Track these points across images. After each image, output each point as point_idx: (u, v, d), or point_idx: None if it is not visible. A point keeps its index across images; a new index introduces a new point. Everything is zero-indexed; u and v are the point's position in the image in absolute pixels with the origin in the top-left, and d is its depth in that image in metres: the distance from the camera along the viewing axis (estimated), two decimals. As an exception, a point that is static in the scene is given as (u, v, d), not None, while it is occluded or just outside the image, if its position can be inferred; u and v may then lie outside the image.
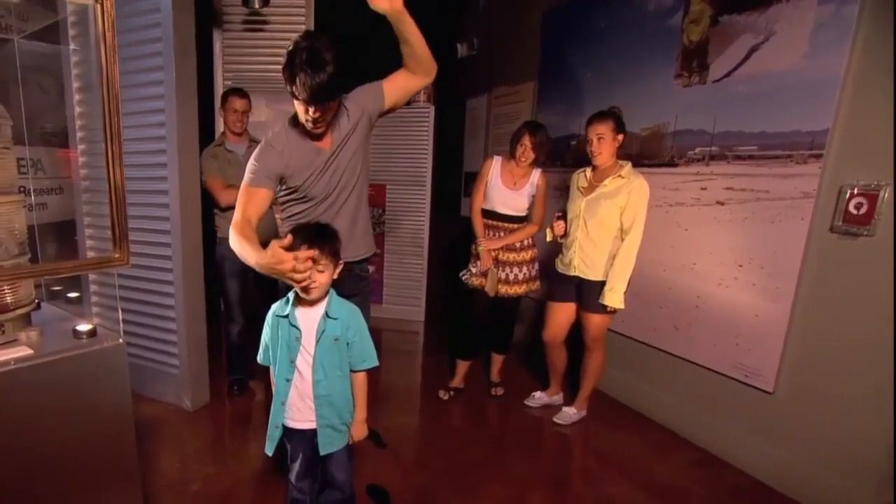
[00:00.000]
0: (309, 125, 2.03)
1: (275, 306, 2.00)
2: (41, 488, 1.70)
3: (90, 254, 3.35)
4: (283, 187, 2.20)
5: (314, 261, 1.78)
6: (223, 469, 2.81)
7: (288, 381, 1.97)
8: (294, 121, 2.13)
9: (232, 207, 3.30)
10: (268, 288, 2.46)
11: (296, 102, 1.98)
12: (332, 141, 2.16)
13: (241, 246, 1.90)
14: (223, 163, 3.35)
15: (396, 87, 2.22)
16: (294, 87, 1.88)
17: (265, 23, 4.24)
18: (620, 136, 3.03)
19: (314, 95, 1.88)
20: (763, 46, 2.77)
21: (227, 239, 3.39)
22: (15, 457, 1.63)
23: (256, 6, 4.03)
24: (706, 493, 2.82)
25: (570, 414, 3.48)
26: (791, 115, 2.66)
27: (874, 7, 2.35)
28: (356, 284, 2.32)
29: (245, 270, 3.46)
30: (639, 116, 3.46)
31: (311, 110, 1.95)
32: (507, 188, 3.43)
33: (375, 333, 2.10)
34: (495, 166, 3.48)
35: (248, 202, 2.06)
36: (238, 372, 3.70)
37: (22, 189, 2.86)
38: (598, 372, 3.41)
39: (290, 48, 1.87)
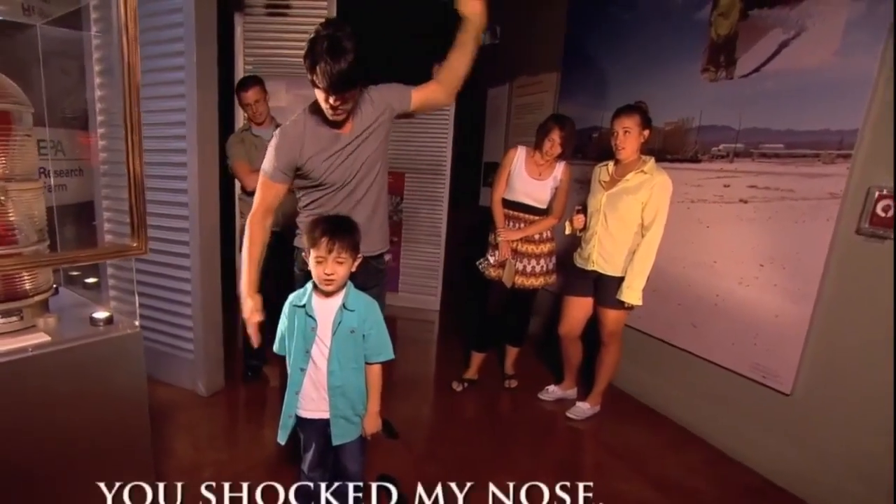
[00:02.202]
0: (329, 112, 2.03)
1: (292, 296, 2.00)
2: (56, 472, 1.73)
3: (108, 237, 3.37)
4: (300, 174, 2.19)
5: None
6: (236, 455, 2.83)
7: (302, 370, 1.97)
8: (314, 107, 2.12)
9: None
10: (287, 276, 2.47)
11: (316, 90, 1.98)
12: (353, 128, 2.15)
13: (247, 255, 2.17)
14: (249, 147, 3.35)
15: (424, 98, 2.25)
16: (314, 76, 1.89)
17: (287, 7, 4.22)
18: (646, 132, 2.98)
19: (334, 84, 1.88)
20: (793, 42, 2.70)
21: None
22: (31, 440, 1.66)
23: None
24: (718, 492, 2.81)
25: (583, 409, 3.46)
26: (820, 114, 2.60)
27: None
28: (372, 277, 2.31)
29: (267, 258, 3.48)
30: (662, 110, 3.41)
31: (331, 98, 1.95)
32: (531, 178, 3.40)
33: (390, 321, 2.11)
34: (519, 156, 3.44)
35: (266, 192, 2.18)
36: (253, 358, 3.72)
37: (42, 170, 2.88)
38: (614, 367, 3.39)
39: (312, 36, 1.89)
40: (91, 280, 2.30)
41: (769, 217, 2.86)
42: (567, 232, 3.34)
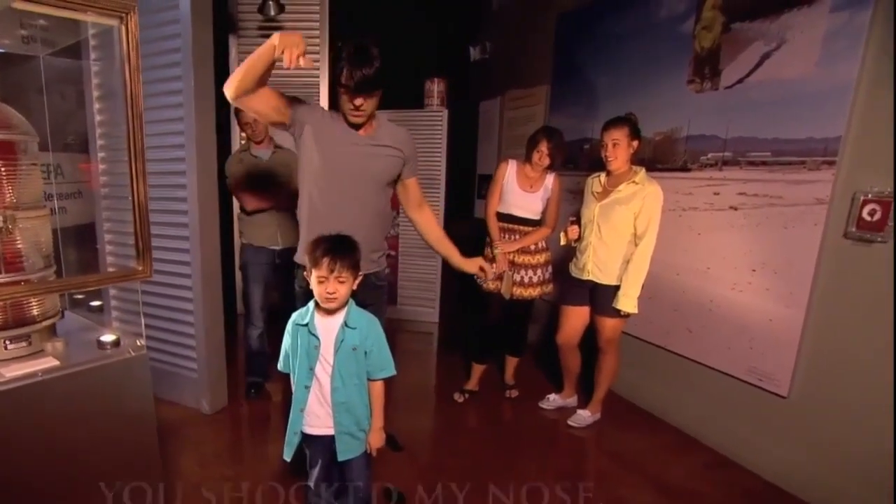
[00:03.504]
0: (351, 112, 2.15)
1: (295, 315, 2.03)
2: (68, 492, 1.75)
3: (110, 259, 3.40)
4: (300, 137, 2.24)
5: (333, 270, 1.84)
6: (241, 472, 2.85)
7: (307, 388, 2.00)
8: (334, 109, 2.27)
9: (257, 211, 3.29)
10: (290, 293, 2.51)
11: (341, 92, 2.12)
12: (368, 135, 2.26)
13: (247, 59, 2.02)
14: (249, 167, 3.40)
15: (412, 191, 2.55)
16: (342, 76, 2.05)
17: (280, 29, 4.28)
18: (635, 143, 3.05)
19: (359, 85, 2.04)
20: (775, 53, 2.78)
21: (250, 245, 3.45)
22: (43, 463, 1.68)
23: (272, 13, 4.09)
24: (719, 495, 2.84)
25: (584, 417, 3.50)
26: (804, 122, 2.67)
27: (886, 13, 2.35)
28: (371, 294, 2.34)
29: (268, 275, 3.51)
30: (652, 121, 3.47)
31: (355, 99, 2.09)
32: (523, 191, 3.46)
33: (390, 334, 2.14)
34: (511, 170, 3.50)
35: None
36: (255, 375, 3.75)
37: (45, 195, 2.93)
38: (612, 375, 3.43)
39: (340, 44, 2.10)
40: (96, 303, 2.34)
41: (759, 223, 2.92)
42: (562, 243, 3.38)
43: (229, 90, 2.05)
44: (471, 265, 2.64)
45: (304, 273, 1.97)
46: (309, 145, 2.20)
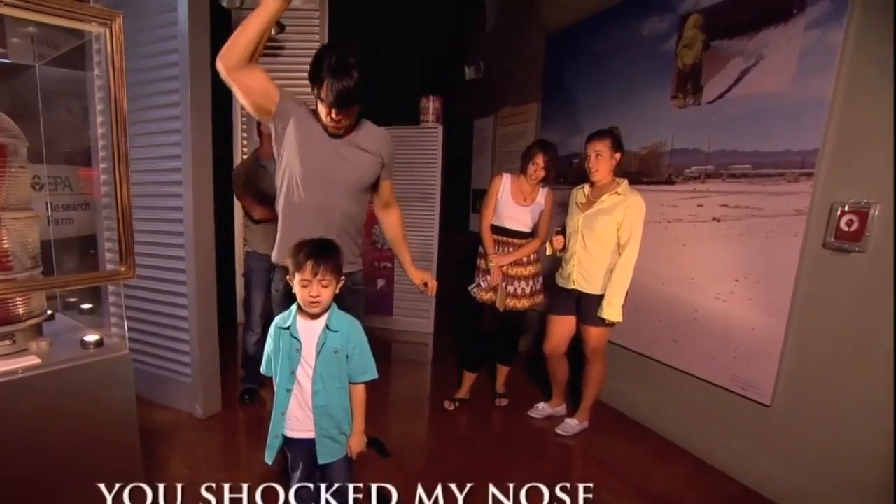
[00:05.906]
0: (330, 125, 2.11)
1: (277, 319, 2.05)
2: (47, 491, 1.77)
3: (109, 266, 3.47)
4: (278, 127, 2.19)
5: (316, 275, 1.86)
6: (231, 476, 2.87)
7: (288, 391, 2.03)
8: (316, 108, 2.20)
9: (264, 220, 3.37)
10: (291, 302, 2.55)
11: (319, 104, 2.07)
12: (348, 139, 2.22)
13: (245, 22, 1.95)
14: (258, 177, 3.45)
15: (386, 191, 2.54)
16: (320, 90, 1.99)
17: (281, 48, 4.40)
18: (618, 155, 3.11)
19: (339, 99, 1.98)
20: (753, 70, 2.84)
21: (255, 252, 3.49)
22: (22, 460, 1.70)
23: (273, 33, 4.18)
24: (702, 502, 2.86)
25: (572, 425, 3.52)
26: (782, 136, 2.72)
27: (859, 31, 2.42)
28: (349, 298, 2.29)
29: (269, 283, 3.57)
30: (637, 136, 3.55)
31: (333, 113, 2.04)
32: (517, 204, 3.51)
33: (385, 344, 2.16)
34: (505, 183, 3.55)
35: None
36: (250, 381, 3.79)
37: (47, 204, 3.01)
38: (599, 383, 3.46)
39: (318, 54, 2.00)
40: (87, 306, 2.39)
41: (741, 234, 2.96)
42: (548, 253, 3.43)
43: (222, 59, 1.96)
44: (416, 276, 2.69)
45: (287, 277, 1.98)
46: (290, 143, 2.16)
